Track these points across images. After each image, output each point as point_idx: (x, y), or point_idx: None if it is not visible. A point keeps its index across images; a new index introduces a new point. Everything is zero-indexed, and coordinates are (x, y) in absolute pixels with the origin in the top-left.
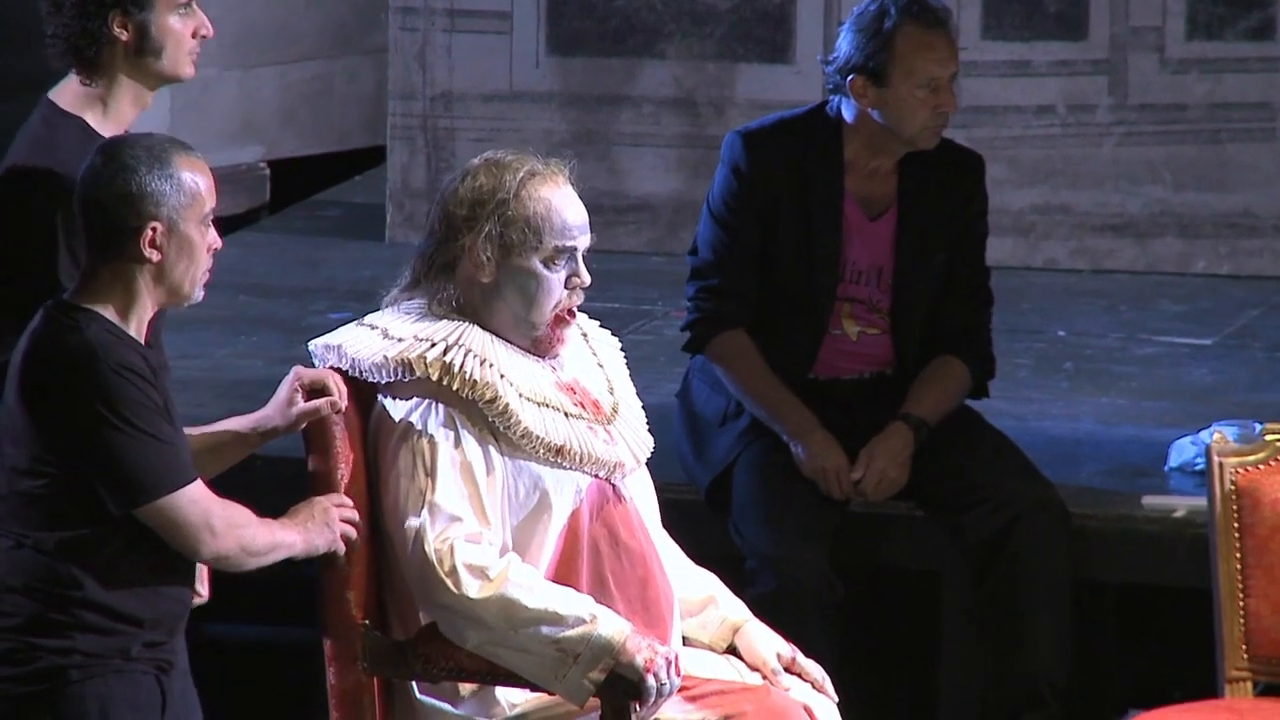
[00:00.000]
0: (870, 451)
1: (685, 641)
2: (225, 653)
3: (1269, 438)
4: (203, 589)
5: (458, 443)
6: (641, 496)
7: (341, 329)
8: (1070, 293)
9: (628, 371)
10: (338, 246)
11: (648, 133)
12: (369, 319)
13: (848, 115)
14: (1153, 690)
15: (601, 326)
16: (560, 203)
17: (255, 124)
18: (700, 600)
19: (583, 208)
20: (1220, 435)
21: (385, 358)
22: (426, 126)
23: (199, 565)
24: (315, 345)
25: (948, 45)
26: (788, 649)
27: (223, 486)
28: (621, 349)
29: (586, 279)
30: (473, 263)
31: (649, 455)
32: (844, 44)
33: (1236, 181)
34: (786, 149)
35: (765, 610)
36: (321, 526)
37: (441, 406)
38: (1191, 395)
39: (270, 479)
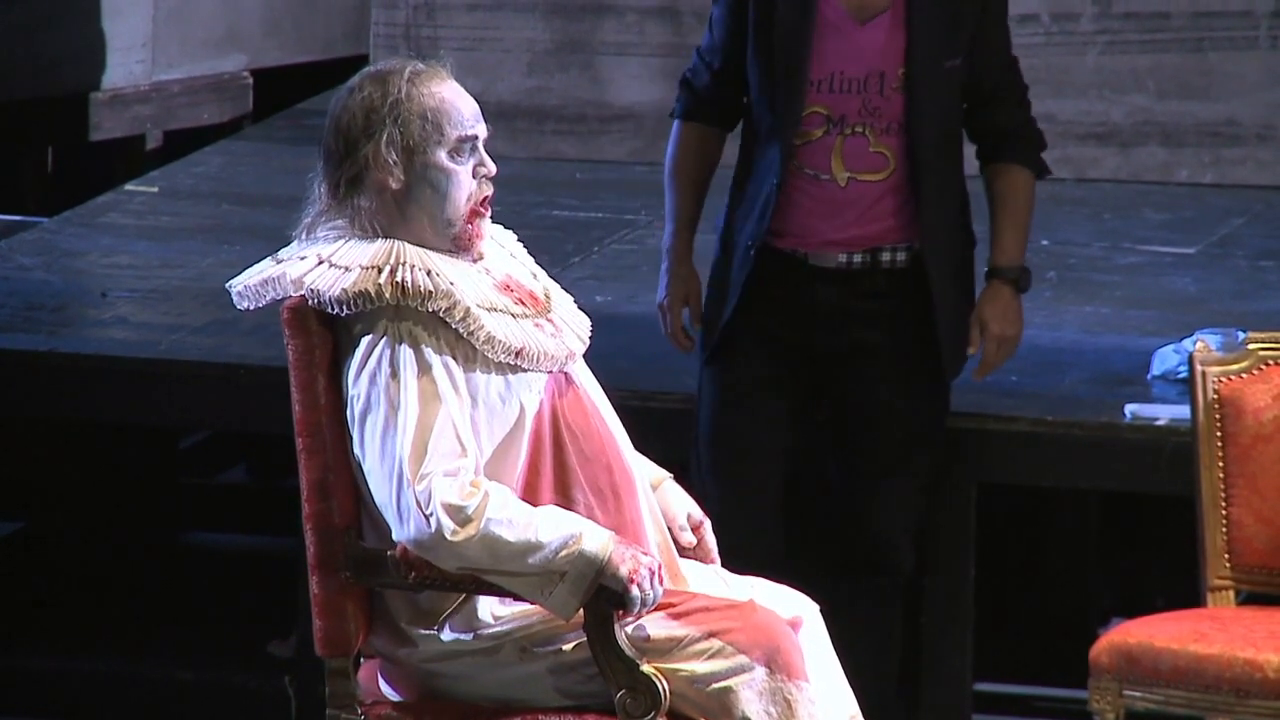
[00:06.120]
0: (979, 321)
1: None
2: (208, 562)
3: (1251, 346)
4: None
5: (423, 370)
6: (588, 382)
7: (257, 269)
8: (1054, 201)
9: (534, 260)
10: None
11: (631, 42)
12: (286, 254)
13: None
14: (1136, 598)
15: (494, 221)
16: (451, 95)
17: (239, 33)
18: None
19: (472, 100)
20: (1203, 344)
21: (344, 290)
22: (409, 35)
23: None
24: (236, 285)
25: None
26: (699, 513)
27: (210, 392)
28: (519, 240)
29: (492, 167)
30: (380, 169)
31: (590, 333)
32: None
33: (1220, 90)
34: None
35: None
36: None
37: (404, 335)
38: (1174, 304)
39: (257, 389)
